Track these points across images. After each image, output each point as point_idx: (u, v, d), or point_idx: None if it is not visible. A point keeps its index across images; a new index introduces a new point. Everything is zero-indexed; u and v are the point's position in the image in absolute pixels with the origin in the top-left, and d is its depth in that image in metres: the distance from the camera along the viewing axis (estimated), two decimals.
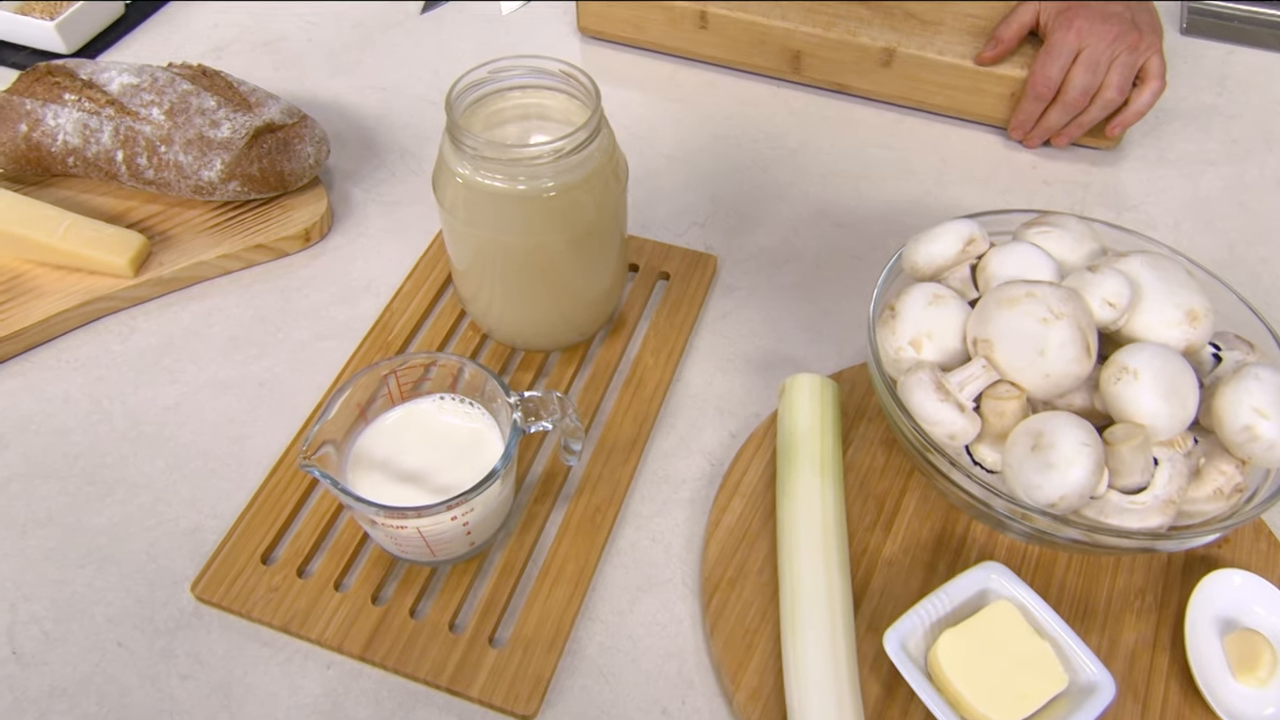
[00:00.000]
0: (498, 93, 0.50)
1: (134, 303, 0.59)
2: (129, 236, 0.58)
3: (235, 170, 0.59)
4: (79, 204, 0.62)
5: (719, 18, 0.73)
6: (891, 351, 0.46)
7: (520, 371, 0.56)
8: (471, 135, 0.45)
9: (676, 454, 0.53)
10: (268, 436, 0.53)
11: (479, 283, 0.53)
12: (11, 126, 0.60)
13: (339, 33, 0.79)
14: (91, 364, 0.56)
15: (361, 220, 0.65)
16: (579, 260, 0.51)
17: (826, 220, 0.66)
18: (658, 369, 0.56)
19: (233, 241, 0.60)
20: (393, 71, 0.76)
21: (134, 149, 0.59)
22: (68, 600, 0.47)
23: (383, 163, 0.68)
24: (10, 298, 0.57)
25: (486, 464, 0.45)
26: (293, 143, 0.61)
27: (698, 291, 0.60)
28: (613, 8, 0.76)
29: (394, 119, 0.72)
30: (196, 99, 0.60)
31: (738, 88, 0.76)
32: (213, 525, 0.49)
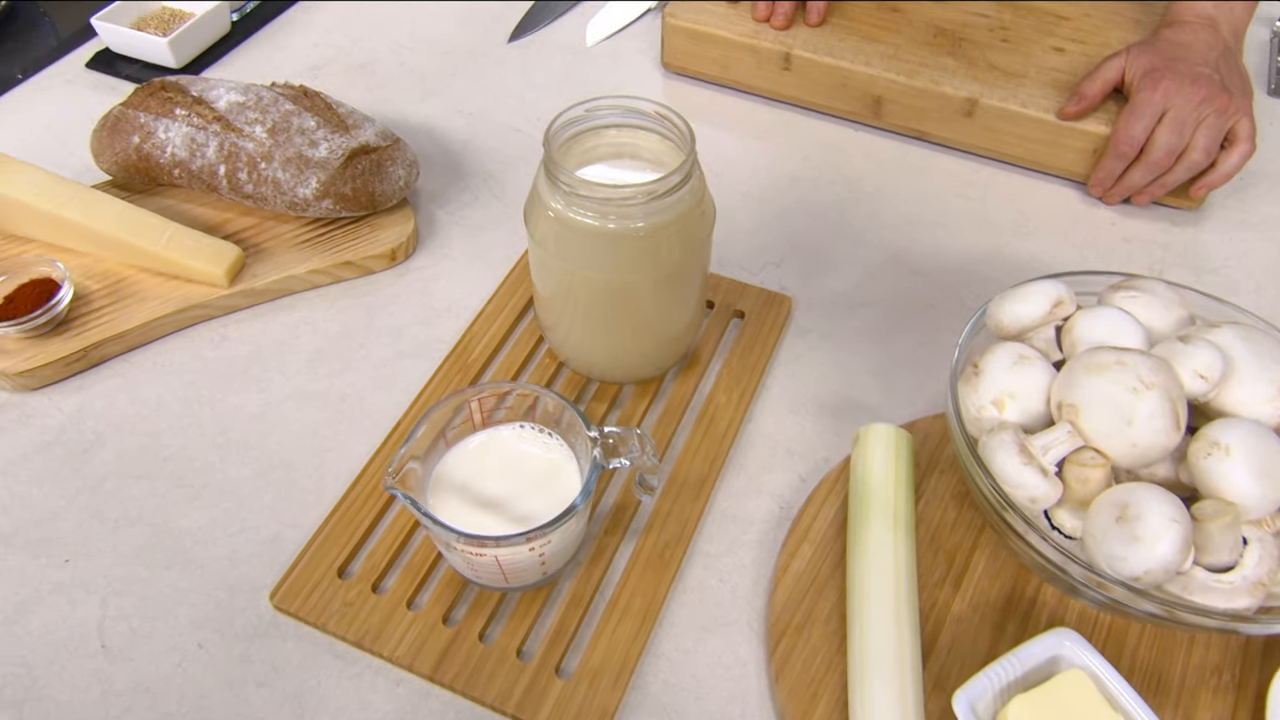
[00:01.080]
0: (592, 130, 0.51)
1: (226, 311, 0.61)
2: (226, 248, 0.60)
3: (329, 189, 0.61)
4: (180, 213, 0.65)
5: (803, 60, 0.74)
6: (973, 410, 0.46)
7: (594, 402, 0.57)
8: (566, 172, 0.47)
9: (745, 494, 0.53)
10: (347, 451, 0.54)
11: (561, 313, 0.54)
12: (125, 138, 0.63)
13: (429, 58, 0.81)
14: (185, 369, 0.58)
15: (445, 242, 0.66)
16: (661, 298, 0.52)
17: (902, 267, 0.66)
18: (730, 408, 0.56)
19: (322, 257, 0.62)
20: (479, 98, 0.78)
21: (236, 164, 0.62)
22: (154, 599, 0.48)
23: (467, 186, 0.70)
24: (114, 300, 0.59)
25: (563, 495, 0.46)
26: (385, 165, 0.63)
27: (772, 332, 0.60)
28: (700, 46, 0.77)
29: (479, 144, 0.74)
30: (297, 119, 0.62)
31: (817, 129, 0.76)
32: (292, 535, 0.51)
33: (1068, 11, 0.78)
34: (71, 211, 0.60)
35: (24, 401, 0.56)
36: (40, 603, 0.48)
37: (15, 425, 0.55)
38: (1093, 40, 0.76)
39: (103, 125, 0.65)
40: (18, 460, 0.54)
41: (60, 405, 0.56)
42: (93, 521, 0.51)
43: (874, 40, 0.75)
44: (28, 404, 0.56)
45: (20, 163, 0.61)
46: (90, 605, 0.48)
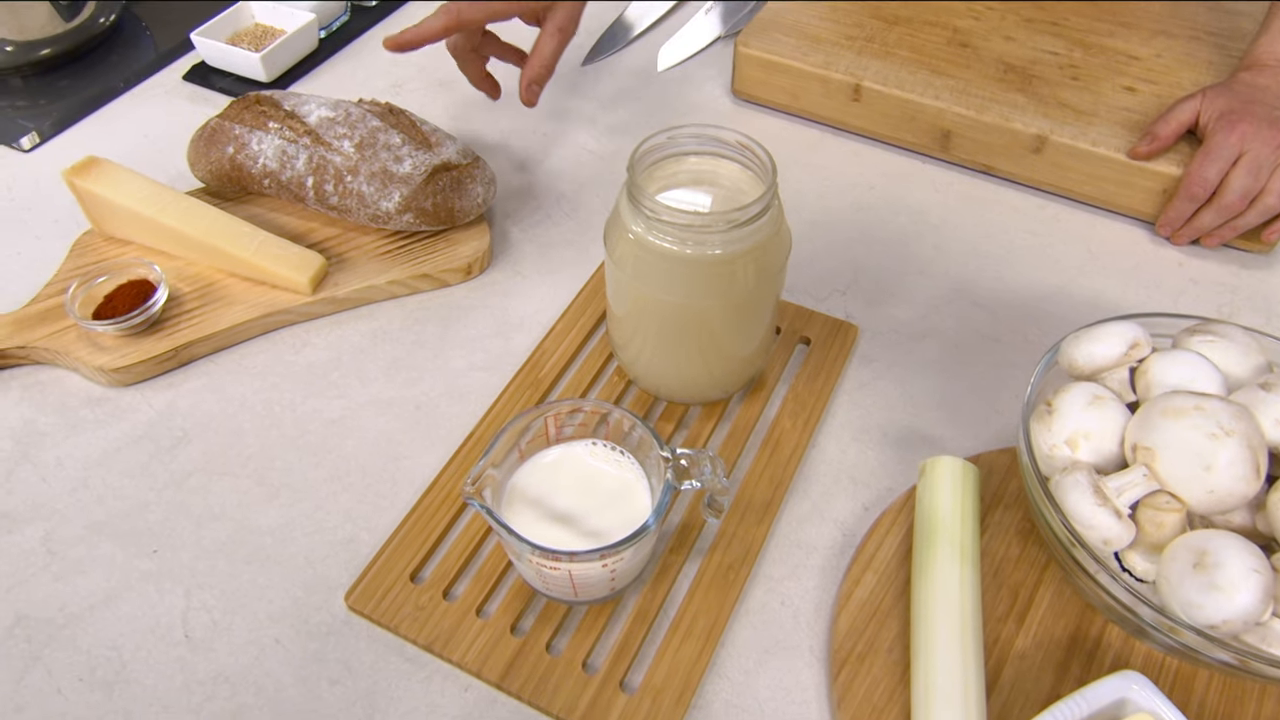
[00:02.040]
0: (674, 156, 0.52)
1: (309, 318, 0.63)
2: (311, 257, 0.63)
3: (411, 203, 0.64)
4: (267, 221, 0.67)
5: (872, 92, 0.75)
6: (1045, 448, 0.46)
7: (661, 421, 0.58)
8: (649, 197, 0.48)
9: (809, 520, 0.54)
10: (421, 458, 0.56)
11: (633, 332, 0.55)
12: (221, 148, 0.66)
13: (506, 78, 0.84)
14: (268, 372, 0.61)
15: (518, 259, 0.68)
16: (734, 324, 0.53)
17: (966, 300, 0.66)
18: (795, 433, 0.57)
19: (401, 269, 0.64)
20: (553, 119, 0.80)
21: (323, 177, 0.64)
22: (235, 593, 0.50)
23: (540, 205, 0.72)
24: (205, 303, 0.62)
25: (634, 512, 0.47)
26: (465, 182, 0.65)
27: (838, 360, 0.61)
28: (770, 75, 0.78)
29: (553, 164, 0.76)
30: (384, 135, 0.65)
31: (884, 160, 0.77)
32: (366, 539, 0.52)
33: (1139, 51, 0.78)
34: (169, 217, 0.63)
35: (118, 396, 0.59)
36: (130, 590, 0.50)
37: (110, 419, 0.58)
38: (1164, 80, 0.76)
39: (199, 135, 0.68)
40: (111, 453, 0.56)
41: (151, 401, 0.59)
42: (179, 515, 0.53)
43: (943, 74, 0.76)
44: (121, 399, 0.59)
45: (123, 168, 0.64)
46: (175, 595, 0.50)
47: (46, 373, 0.60)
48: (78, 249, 0.66)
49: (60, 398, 0.59)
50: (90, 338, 0.60)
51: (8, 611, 0.49)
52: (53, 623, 0.49)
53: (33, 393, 0.59)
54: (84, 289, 0.61)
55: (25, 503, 0.54)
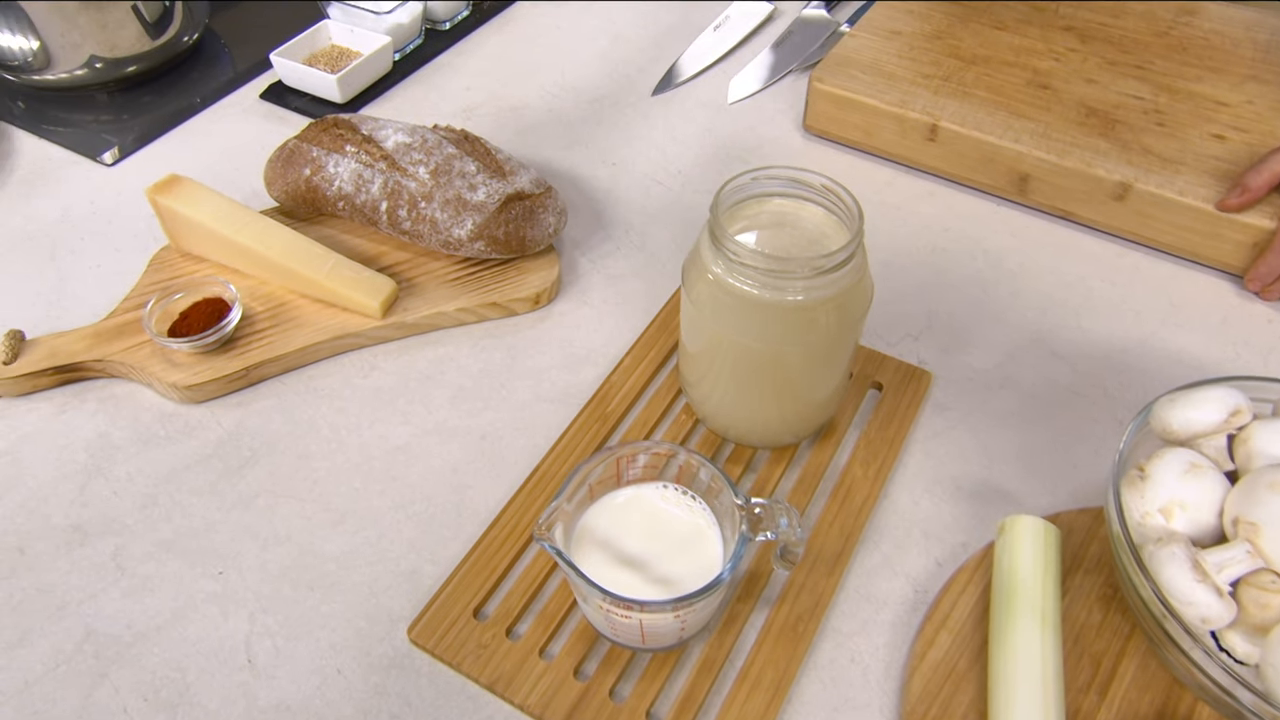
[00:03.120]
0: (757, 197, 0.52)
1: (377, 342, 0.64)
2: (382, 281, 0.63)
3: (483, 231, 0.64)
4: (339, 243, 0.68)
5: (950, 133, 0.74)
6: (1138, 515, 0.44)
7: (729, 463, 0.57)
8: (732, 239, 0.47)
9: (880, 573, 0.52)
10: (486, 490, 0.56)
11: (706, 372, 0.54)
12: (298, 169, 0.67)
13: (576, 107, 0.84)
14: (335, 395, 0.61)
15: (586, 289, 0.68)
16: (810, 370, 0.52)
17: (1043, 349, 0.65)
18: (866, 482, 0.56)
19: (470, 296, 0.64)
20: (623, 149, 0.80)
21: (398, 201, 0.64)
22: (298, 620, 0.50)
23: (609, 236, 0.72)
24: (276, 323, 0.63)
25: (705, 559, 0.46)
26: (537, 211, 0.65)
27: (910, 407, 0.59)
28: (844, 111, 0.77)
29: (621, 194, 0.75)
30: (459, 162, 0.65)
31: (958, 201, 0.75)
32: (430, 570, 0.52)
33: (1229, 97, 0.76)
34: (245, 236, 0.63)
35: (188, 413, 0.60)
36: (195, 611, 0.50)
37: (180, 436, 0.58)
38: (1255, 129, 0.73)
39: (277, 156, 0.69)
40: (180, 470, 0.57)
41: (220, 420, 0.59)
42: (245, 537, 0.53)
43: (1023, 116, 0.74)
44: (191, 416, 0.59)
45: (201, 186, 0.65)
46: (239, 619, 0.50)
47: (121, 386, 0.61)
48: (155, 264, 0.67)
49: (133, 412, 0.60)
50: (164, 354, 0.60)
51: (78, 625, 0.50)
52: (120, 640, 0.49)
53: (107, 406, 0.60)
54: (161, 305, 0.61)
55: (97, 516, 0.54)
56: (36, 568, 0.52)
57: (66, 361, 0.60)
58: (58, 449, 0.58)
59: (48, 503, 0.55)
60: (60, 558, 0.53)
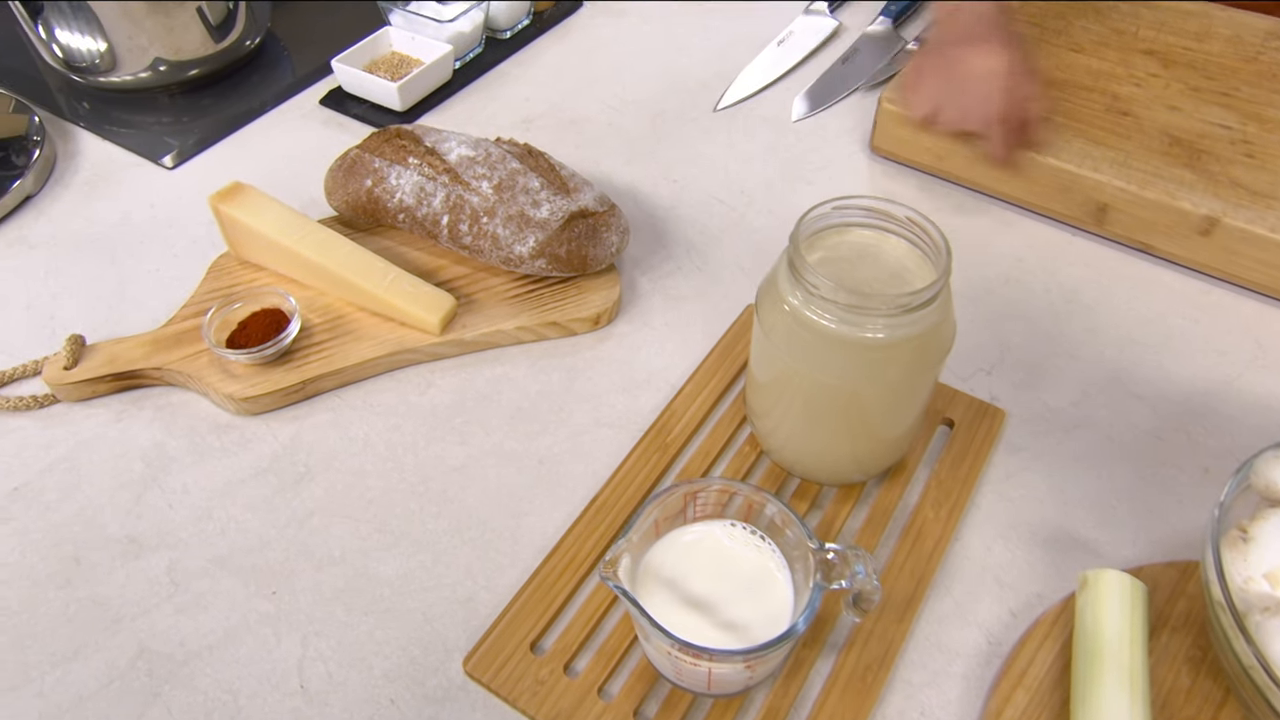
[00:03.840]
0: (837, 227, 0.50)
1: (434, 358, 0.63)
2: (442, 297, 0.62)
3: (545, 249, 0.62)
4: (398, 255, 0.67)
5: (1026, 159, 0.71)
6: (1239, 579, 0.42)
7: (794, 499, 0.55)
8: (813, 271, 0.45)
9: (951, 621, 0.50)
10: (543, 517, 0.54)
11: (774, 404, 0.53)
12: (359, 180, 0.66)
13: (637, 121, 0.82)
14: (391, 412, 0.60)
15: (646, 310, 0.66)
16: (886, 409, 0.50)
17: (1121, 389, 0.62)
18: (938, 524, 0.53)
19: (530, 315, 0.63)
20: (684, 165, 0.78)
21: (459, 216, 0.63)
22: (351, 645, 0.49)
23: (670, 255, 0.70)
24: (333, 336, 0.62)
25: (774, 604, 0.45)
26: (600, 230, 0.64)
27: (983, 446, 0.57)
28: (915, 133, 0.75)
29: (683, 212, 0.74)
30: (523, 178, 0.64)
31: (1032, 230, 0.73)
32: (486, 599, 0.51)
33: None
34: (305, 247, 0.63)
35: (244, 425, 0.59)
36: (248, 632, 0.49)
37: (236, 448, 0.58)
38: None
39: (339, 166, 0.68)
40: (236, 484, 0.56)
41: (276, 434, 0.58)
42: (299, 557, 0.53)
43: (1102, 145, 0.71)
44: (247, 428, 0.59)
45: (263, 195, 0.65)
46: (292, 642, 0.49)
47: (178, 395, 0.61)
48: (214, 271, 0.66)
49: (189, 422, 0.59)
50: (222, 364, 0.60)
51: (131, 641, 0.49)
52: (173, 658, 0.48)
53: (164, 415, 0.60)
54: (220, 314, 0.61)
55: (152, 528, 0.54)
56: (92, 579, 0.52)
57: (125, 368, 0.60)
58: (114, 457, 0.57)
59: (104, 512, 0.55)
60: (115, 569, 0.52)
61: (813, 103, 0.85)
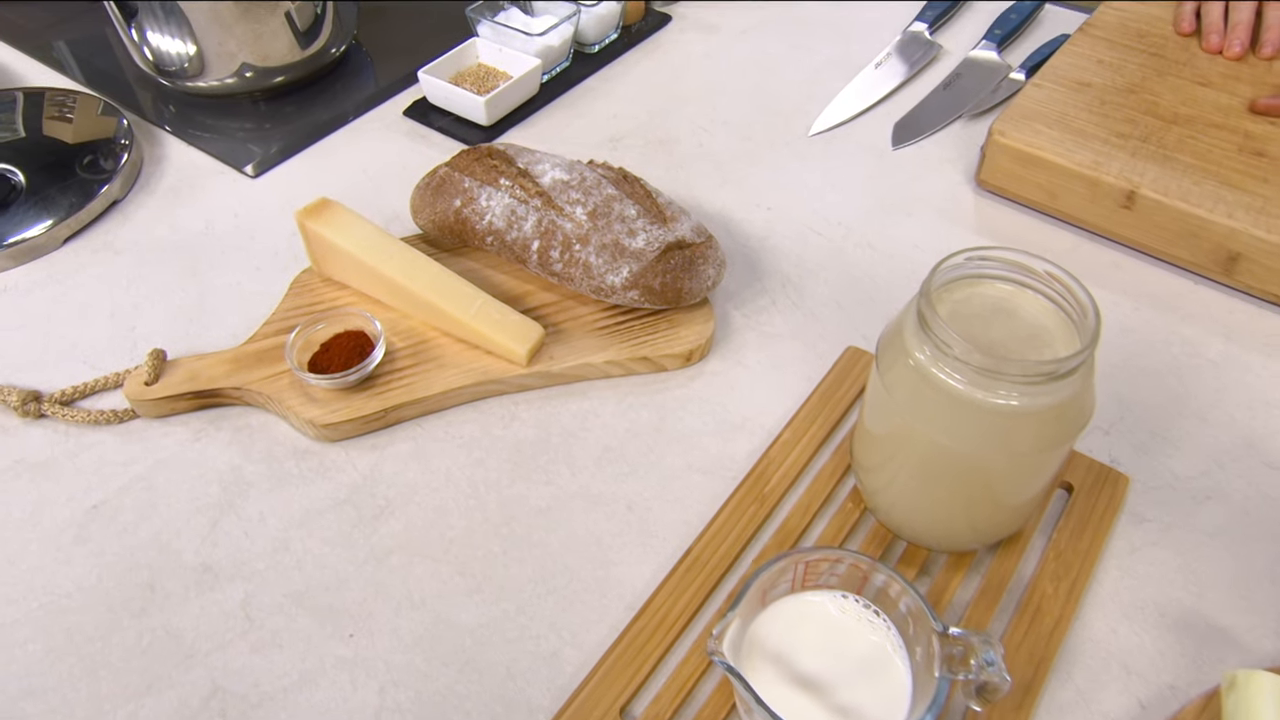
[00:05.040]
0: (970, 279, 0.46)
1: (519, 389, 0.60)
2: (530, 327, 0.59)
3: (639, 280, 0.59)
4: (483, 279, 0.65)
5: (1150, 201, 0.66)
6: None
7: (901, 564, 0.51)
8: (944, 327, 0.42)
9: (1073, 711, 0.46)
10: (633, 568, 0.51)
11: (887, 462, 0.49)
12: (448, 199, 0.64)
13: (728, 143, 0.79)
14: (474, 444, 0.57)
15: (740, 347, 0.63)
16: (1011, 478, 0.46)
17: (1257, 458, 0.57)
18: (1058, 600, 0.49)
19: (620, 348, 0.60)
20: (778, 192, 0.75)
21: (550, 242, 0.61)
22: (431, 699, 0.46)
23: (765, 289, 0.67)
24: (417, 362, 0.60)
25: (890, 688, 0.41)
26: (697, 262, 0.61)
27: (1106, 515, 0.53)
28: (1027, 169, 0.71)
29: (777, 243, 0.70)
30: (619, 205, 0.61)
31: (1152, 277, 0.68)
32: (572, 656, 0.48)
33: None
34: (391, 268, 0.60)
35: (323, 452, 0.57)
36: (324, 676, 0.47)
37: (314, 476, 0.56)
38: None
39: (427, 184, 0.66)
40: (314, 514, 0.54)
41: (355, 463, 0.56)
42: (378, 597, 0.50)
43: (1235, 187, 0.66)
44: (326, 455, 0.57)
45: (350, 212, 0.63)
46: (369, 691, 0.47)
47: (256, 416, 0.59)
48: (296, 288, 0.65)
49: (267, 446, 0.57)
50: (303, 387, 0.58)
51: (205, 679, 0.47)
52: (247, 699, 0.46)
53: (242, 437, 0.58)
54: (303, 335, 0.59)
55: (228, 558, 0.52)
56: (166, 608, 0.50)
57: (206, 386, 0.58)
58: (191, 479, 0.56)
59: (180, 537, 0.53)
60: (190, 600, 0.50)
61: (912, 130, 0.81)
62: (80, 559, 0.52)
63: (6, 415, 0.59)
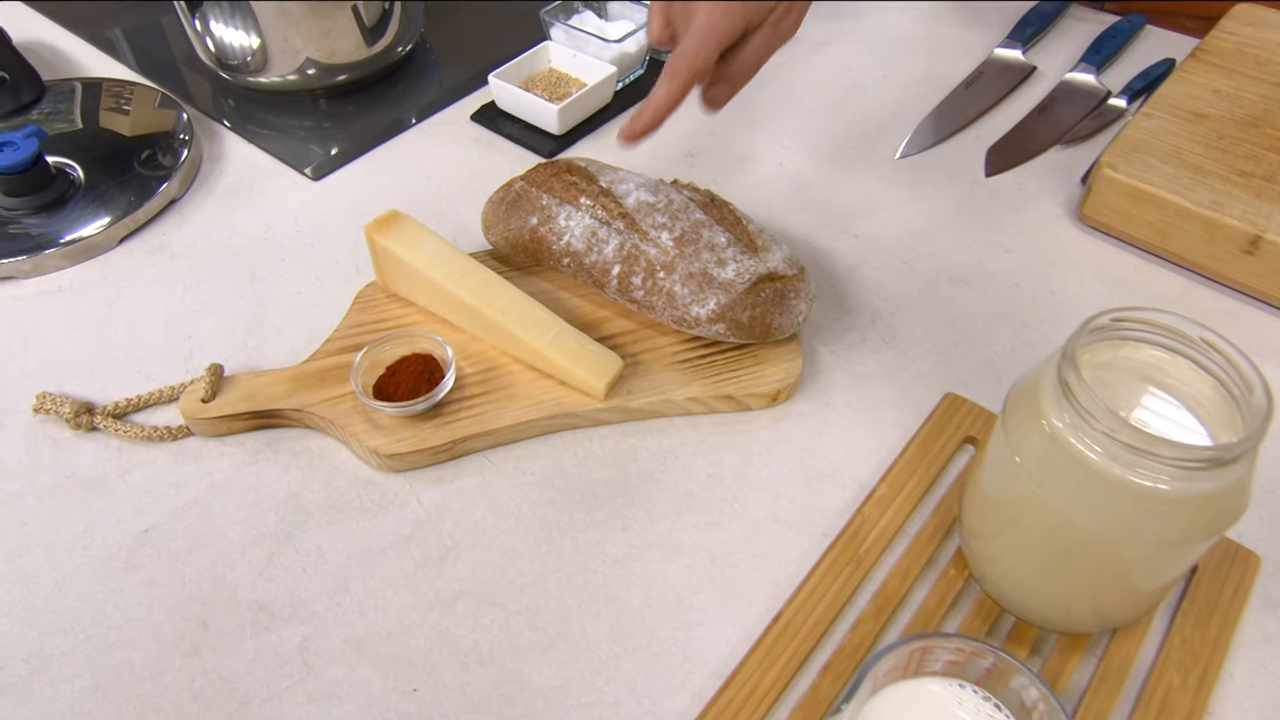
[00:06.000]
0: (1114, 341, 0.42)
1: (594, 424, 0.56)
2: (609, 359, 0.56)
3: (727, 313, 0.56)
4: (556, 301, 0.61)
5: (1277, 248, 0.62)
6: None
7: (1009, 642, 0.47)
8: (1091, 397, 0.38)
9: None
10: (718, 631, 0.48)
11: (1003, 531, 0.45)
12: (525, 217, 0.60)
13: (811, 164, 0.75)
14: (545, 483, 0.54)
15: (828, 388, 0.59)
16: (1148, 565, 0.42)
17: None
18: (1186, 694, 0.45)
19: (702, 385, 0.56)
20: (865, 218, 0.70)
21: (633, 267, 0.57)
22: None
23: (854, 324, 0.63)
24: (487, 390, 0.56)
25: None
26: (788, 296, 0.57)
27: (1235, 599, 0.48)
28: (1138, 206, 0.66)
29: (866, 274, 0.66)
30: (708, 231, 0.57)
31: (1273, 328, 0.63)
32: None
33: None
34: (463, 289, 0.57)
35: (386, 483, 0.54)
36: None
37: (376, 509, 0.52)
38: None
39: (501, 198, 0.62)
40: (375, 552, 0.51)
41: (420, 497, 0.53)
42: (443, 649, 0.47)
43: None
44: (389, 487, 0.54)
45: (420, 226, 0.60)
46: None
47: (316, 440, 0.56)
48: (360, 303, 0.61)
49: (327, 474, 0.54)
50: (366, 412, 0.55)
51: None
52: None
53: (300, 462, 0.55)
54: (370, 356, 0.56)
55: (285, 596, 0.49)
56: (219, 648, 0.47)
57: (264, 406, 0.55)
58: (247, 506, 0.53)
59: (235, 569, 0.50)
60: (244, 641, 0.47)
61: (1007, 157, 0.76)
62: (131, 588, 0.49)
63: (58, 426, 0.57)
